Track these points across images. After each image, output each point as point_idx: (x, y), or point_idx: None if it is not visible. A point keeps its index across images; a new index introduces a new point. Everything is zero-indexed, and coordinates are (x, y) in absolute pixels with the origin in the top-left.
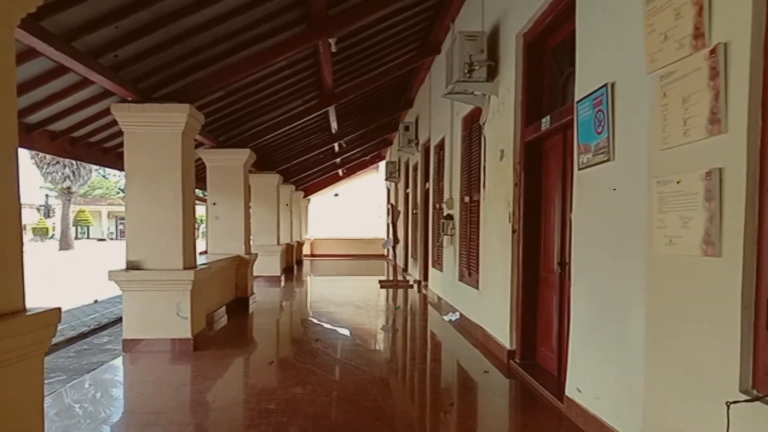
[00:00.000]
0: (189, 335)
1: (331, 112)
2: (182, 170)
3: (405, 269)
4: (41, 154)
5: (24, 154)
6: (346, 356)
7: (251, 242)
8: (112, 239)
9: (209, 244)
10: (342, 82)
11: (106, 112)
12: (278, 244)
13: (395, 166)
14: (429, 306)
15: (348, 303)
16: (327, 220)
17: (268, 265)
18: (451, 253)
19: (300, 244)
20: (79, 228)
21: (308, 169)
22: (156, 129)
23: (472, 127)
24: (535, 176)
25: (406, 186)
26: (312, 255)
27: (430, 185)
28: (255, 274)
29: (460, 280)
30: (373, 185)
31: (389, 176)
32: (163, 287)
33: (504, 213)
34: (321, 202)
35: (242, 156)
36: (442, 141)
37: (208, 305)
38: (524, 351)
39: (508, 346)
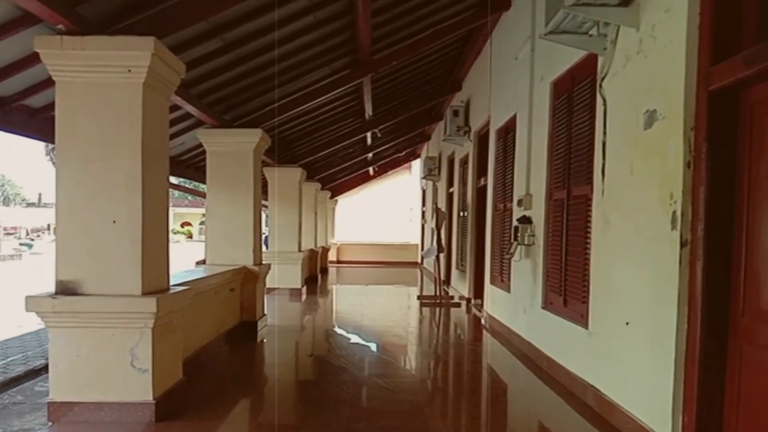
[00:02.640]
0: (149, 397)
1: (366, 88)
2: (143, 140)
3: (446, 282)
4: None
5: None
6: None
7: (265, 249)
8: None
9: (208, 253)
10: (382, 46)
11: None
12: (299, 250)
13: (435, 161)
14: (486, 335)
15: (384, 329)
16: (355, 224)
17: (287, 275)
18: (527, 270)
19: (325, 250)
20: None
21: (336, 164)
22: (103, 76)
23: (573, 91)
24: (728, 150)
25: (450, 184)
26: (338, 261)
27: (489, 181)
28: (272, 286)
29: (546, 308)
30: (406, 186)
31: (428, 173)
32: (109, 322)
33: (654, 212)
34: (349, 203)
35: (252, 138)
36: (511, 122)
37: (190, 343)
38: None
39: None
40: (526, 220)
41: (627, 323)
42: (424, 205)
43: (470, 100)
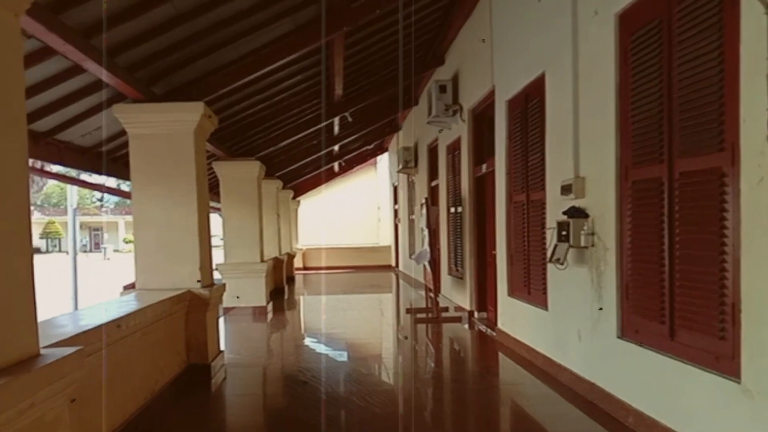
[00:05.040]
0: None
1: (338, 57)
2: None
3: (435, 290)
4: None
5: None
6: None
7: (216, 262)
8: (84, 251)
9: (138, 274)
10: None
11: None
12: (262, 260)
13: (411, 152)
14: (508, 363)
15: (380, 362)
16: (320, 226)
17: (248, 291)
18: (582, 281)
19: (291, 257)
20: (49, 240)
21: (299, 159)
22: None
23: (673, 13)
24: None
25: (432, 176)
26: (305, 268)
27: (499, 166)
28: (230, 305)
29: (627, 338)
30: (372, 184)
31: (404, 166)
32: None
33: None
34: (312, 204)
35: (191, 115)
36: (535, 86)
37: (100, 423)
38: None
39: None
40: (578, 213)
41: None
42: (396, 203)
43: (459, 74)
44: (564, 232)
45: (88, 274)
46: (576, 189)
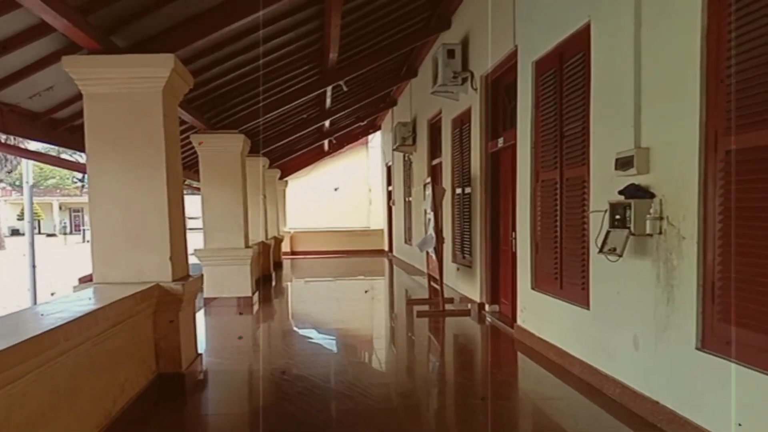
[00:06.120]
0: None
1: (335, 13)
2: None
3: (437, 279)
4: None
5: None
6: None
7: (191, 250)
8: (65, 234)
9: (95, 263)
10: None
11: None
12: (247, 246)
13: (409, 128)
14: (531, 365)
15: (378, 360)
16: (308, 209)
17: (231, 280)
18: (644, 276)
19: (278, 241)
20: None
21: (287, 135)
22: None
23: None
24: None
25: (433, 154)
26: (292, 252)
27: (524, 138)
28: (212, 295)
29: (709, 350)
30: (363, 164)
31: (401, 144)
32: None
33: None
34: (300, 185)
35: (158, 70)
36: (575, 40)
37: None
38: None
39: None
40: (641, 193)
41: None
42: (390, 184)
43: (469, 36)
44: (619, 216)
45: (61, 259)
46: (638, 163)
